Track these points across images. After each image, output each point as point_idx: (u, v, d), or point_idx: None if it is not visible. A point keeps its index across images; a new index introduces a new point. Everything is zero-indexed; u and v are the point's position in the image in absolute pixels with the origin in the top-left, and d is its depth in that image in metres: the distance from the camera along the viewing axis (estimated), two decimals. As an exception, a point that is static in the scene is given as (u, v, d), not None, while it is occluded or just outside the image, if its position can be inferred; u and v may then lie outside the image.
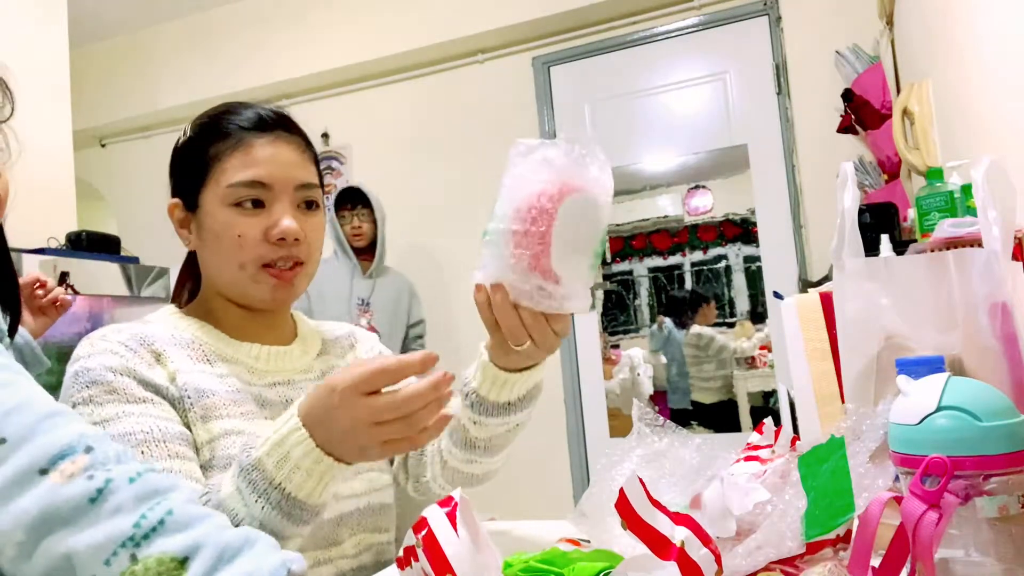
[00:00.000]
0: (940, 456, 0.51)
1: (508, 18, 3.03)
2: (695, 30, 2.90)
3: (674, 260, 2.94)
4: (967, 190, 1.17)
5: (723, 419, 2.82)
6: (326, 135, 3.42)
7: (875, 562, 0.51)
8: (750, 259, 2.82)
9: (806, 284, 2.26)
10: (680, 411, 2.88)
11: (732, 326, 2.85)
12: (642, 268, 2.98)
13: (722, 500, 0.59)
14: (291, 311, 0.98)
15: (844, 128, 2.52)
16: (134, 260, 2.59)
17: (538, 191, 0.63)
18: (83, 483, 0.47)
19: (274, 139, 0.86)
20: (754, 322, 2.82)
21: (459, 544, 0.54)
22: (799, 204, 2.71)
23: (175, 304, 0.94)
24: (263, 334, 0.90)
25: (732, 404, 2.81)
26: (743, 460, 0.68)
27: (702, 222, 2.90)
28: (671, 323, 2.93)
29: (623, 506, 0.48)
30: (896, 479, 0.57)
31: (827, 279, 1.61)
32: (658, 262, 2.96)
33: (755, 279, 2.81)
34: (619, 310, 3.00)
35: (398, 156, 3.28)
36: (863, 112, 2.41)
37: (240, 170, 0.83)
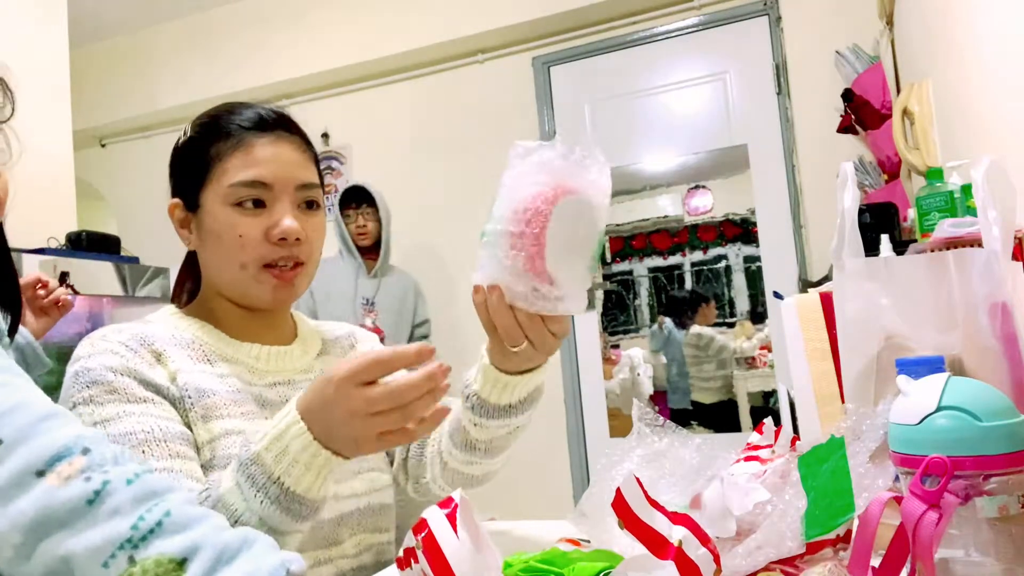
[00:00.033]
0: (940, 456, 0.51)
1: (508, 18, 3.03)
2: (695, 30, 2.90)
3: (674, 260, 2.94)
4: (967, 190, 1.17)
5: (723, 419, 2.82)
6: (326, 135, 3.42)
7: (875, 562, 0.51)
8: (750, 259, 2.82)
9: (806, 284, 2.26)
10: (680, 411, 2.88)
11: (732, 326, 2.85)
12: (642, 268, 2.98)
13: (722, 500, 0.59)
14: (291, 311, 0.98)
15: (844, 128, 2.52)
16: (134, 260, 2.59)
17: (534, 193, 0.63)
18: (80, 485, 0.47)
19: (275, 139, 0.86)
20: (754, 322, 2.82)
21: (459, 546, 0.54)
22: (799, 204, 2.71)
23: (175, 304, 0.94)
24: (263, 334, 0.90)
25: (732, 404, 2.81)
26: (743, 460, 0.68)
27: (702, 222, 2.90)
28: (671, 323, 2.93)
29: (620, 506, 0.48)
30: (896, 479, 0.57)
31: (827, 279, 1.61)
32: (658, 262, 2.96)
33: (755, 279, 2.81)
34: (619, 310, 3.00)
35: (398, 156, 3.28)
36: (863, 112, 2.41)
37: (241, 170, 0.83)
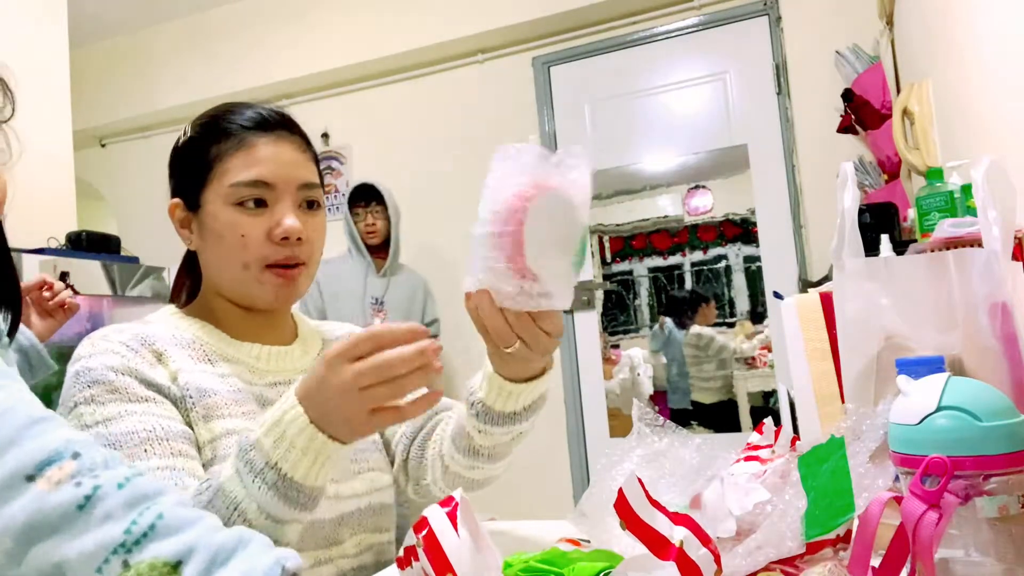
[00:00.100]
0: (940, 456, 0.51)
1: (508, 18, 3.03)
2: (695, 30, 2.90)
3: (674, 260, 2.94)
4: (967, 190, 1.17)
5: (723, 419, 2.82)
6: (326, 135, 3.42)
7: (875, 562, 0.51)
8: (750, 259, 2.82)
9: (806, 284, 2.26)
10: (680, 411, 2.88)
11: (732, 326, 2.85)
12: (642, 268, 2.98)
13: (722, 500, 0.59)
14: (292, 312, 0.98)
15: (844, 128, 2.52)
16: (134, 260, 2.59)
17: (512, 193, 0.64)
18: (71, 490, 0.46)
19: (276, 139, 0.86)
20: (754, 322, 2.82)
21: (460, 544, 0.54)
22: (799, 204, 2.71)
23: (175, 304, 0.94)
24: (264, 334, 0.90)
25: (732, 404, 2.81)
26: (743, 460, 0.68)
27: (702, 222, 2.90)
28: (671, 323, 2.93)
29: (622, 506, 0.48)
30: (896, 479, 0.57)
31: (827, 279, 1.61)
32: (658, 262, 2.96)
33: (755, 279, 2.81)
34: (619, 310, 3.00)
35: (398, 156, 3.28)
36: (863, 112, 2.41)
37: (243, 170, 0.83)
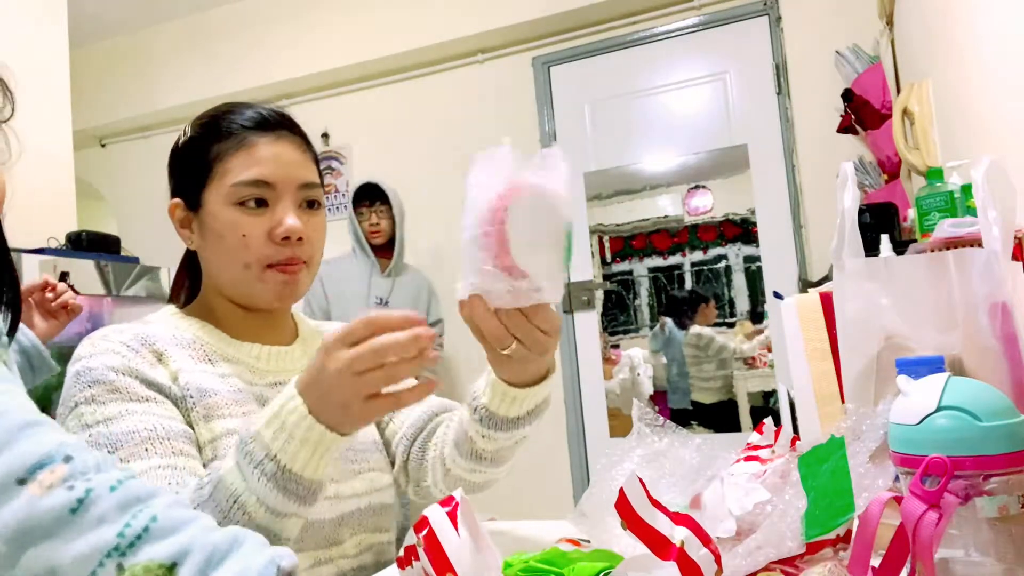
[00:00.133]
0: (940, 456, 0.51)
1: (508, 18, 3.03)
2: (695, 30, 2.90)
3: (674, 260, 2.94)
4: (967, 190, 1.17)
5: (723, 419, 2.82)
6: (326, 135, 3.42)
7: (875, 562, 0.51)
8: (750, 259, 2.82)
9: (806, 284, 2.26)
10: (680, 411, 2.88)
11: (732, 326, 2.85)
12: (642, 268, 2.98)
13: (722, 500, 0.59)
14: (292, 312, 0.98)
15: (844, 128, 2.52)
16: (134, 260, 2.59)
17: (492, 195, 0.65)
18: (63, 494, 0.46)
19: (277, 138, 0.86)
20: (754, 322, 2.82)
21: (460, 543, 0.54)
22: (799, 204, 2.72)
23: (174, 304, 0.94)
24: (264, 334, 0.90)
25: (732, 404, 2.81)
26: (743, 460, 0.68)
27: (702, 222, 2.90)
28: (672, 323, 2.93)
29: (623, 506, 0.48)
30: (896, 479, 0.57)
31: (827, 279, 1.61)
32: (658, 262, 2.96)
33: (755, 279, 2.81)
34: (619, 310, 3.00)
35: (398, 156, 3.28)
36: (863, 112, 2.41)
37: (243, 169, 0.83)
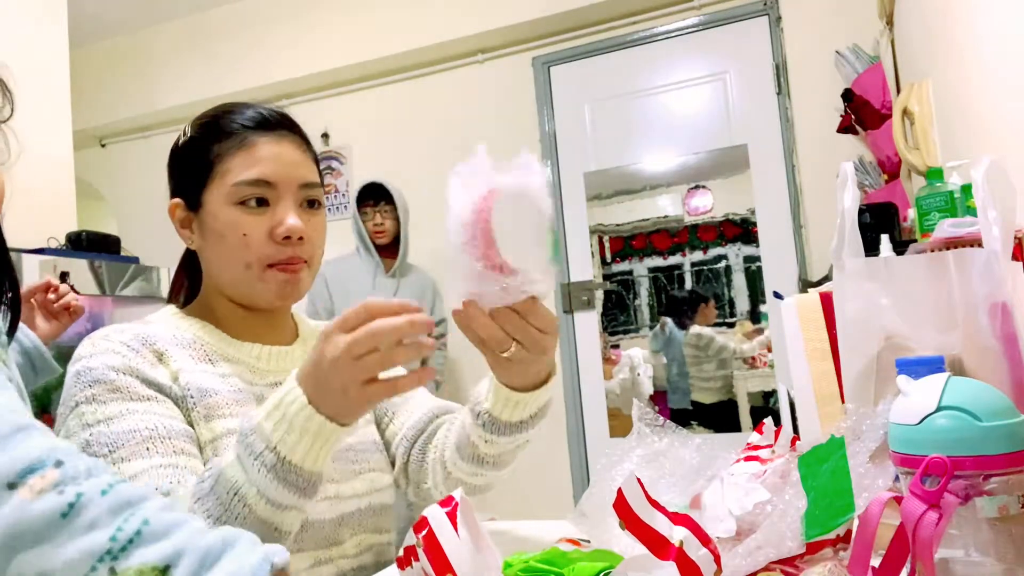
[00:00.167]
0: (940, 456, 0.51)
1: (508, 18, 3.03)
2: (695, 30, 2.90)
3: (674, 260, 2.94)
4: (967, 190, 1.17)
5: (723, 419, 2.82)
6: (326, 135, 3.42)
7: (875, 562, 0.51)
8: (750, 259, 2.82)
9: (806, 284, 2.26)
10: (680, 411, 2.88)
11: (732, 326, 2.85)
12: (642, 268, 2.98)
13: (722, 500, 0.59)
14: (292, 312, 0.98)
15: (844, 128, 2.52)
16: (134, 260, 2.59)
17: (473, 199, 0.65)
18: (53, 499, 0.46)
19: (277, 138, 0.86)
20: (754, 322, 2.82)
21: (459, 544, 0.54)
22: (799, 204, 2.71)
23: (174, 304, 0.94)
24: (264, 334, 0.90)
25: (732, 404, 2.81)
26: (743, 460, 0.68)
27: (702, 222, 2.90)
28: (672, 323, 2.93)
29: (621, 506, 0.48)
30: (896, 479, 0.57)
31: (827, 279, 1.61)
32: (658, 262, 2.96)
33: (755, 279, 2.81)
34: (619, 310, 3.00)
35: (398, 156, 3.28)
36: (863, 112, 2.41)
37: (244, 169, 0.83)
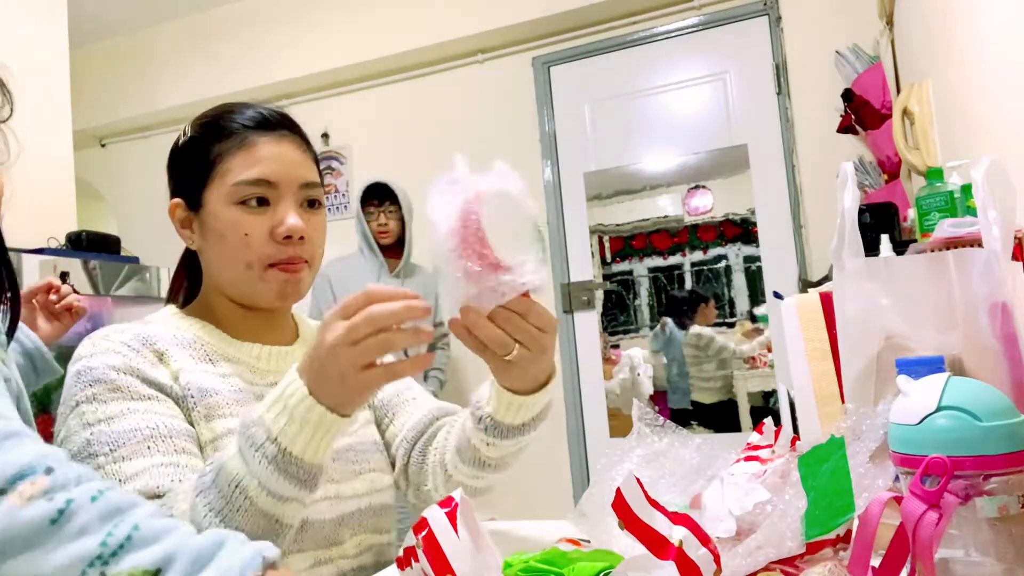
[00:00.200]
0: (940, 456, 0.51)
1: (508, 18, 3.03)
2: (695, 30, 2.90)
3: (674, 260, 2.94)
4: (967, 190, 1.17)
5: (723, 419, 2.82)
6: (326, 135, 3.42)
7: (875, 562, 0.51)
8: (750, 259, 2.82)
9: (806, 284, 2.26)
10: (680, 411, 2.88)
11: (732, 326, 2.85)
12: (642, 268, 2.98)
13: (722, 500, 0.59)
14: (292, 312, 0.97)
15: (844, 128, 2.52)
16: (134, 260, 2.59)
17: (459, 204, 0.65)
18: (43, 505, 0.46)
19: (278, 138, 0.86)
20: (754, 322, 2.82)
21: (459, 544, 0.54)
22: (799, 204, 2.71)
23: (174, 304, 0.94)
24: (265, 334, 0.90)
25: (732, 404, 2.81)
26: (743, 460, 0.68)
27: (702, 222, 2.90)
28: (672, 323, 2.93)
29: (620, 506, 0.48)
30: (896, 479, 0.57)
31: (827, 279, 1.61)
32: (658, 262, 2.96)
33: (755, 279, 2.81)
34: (619, 310, 3.00)
35: (398, 156, 3.27)
36: (863, 112, 2.41)
37: (245, 169, 0.83)
